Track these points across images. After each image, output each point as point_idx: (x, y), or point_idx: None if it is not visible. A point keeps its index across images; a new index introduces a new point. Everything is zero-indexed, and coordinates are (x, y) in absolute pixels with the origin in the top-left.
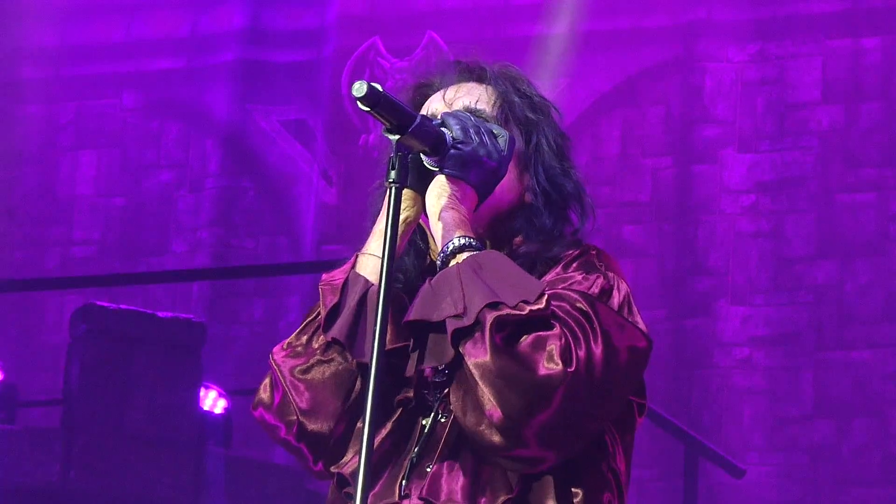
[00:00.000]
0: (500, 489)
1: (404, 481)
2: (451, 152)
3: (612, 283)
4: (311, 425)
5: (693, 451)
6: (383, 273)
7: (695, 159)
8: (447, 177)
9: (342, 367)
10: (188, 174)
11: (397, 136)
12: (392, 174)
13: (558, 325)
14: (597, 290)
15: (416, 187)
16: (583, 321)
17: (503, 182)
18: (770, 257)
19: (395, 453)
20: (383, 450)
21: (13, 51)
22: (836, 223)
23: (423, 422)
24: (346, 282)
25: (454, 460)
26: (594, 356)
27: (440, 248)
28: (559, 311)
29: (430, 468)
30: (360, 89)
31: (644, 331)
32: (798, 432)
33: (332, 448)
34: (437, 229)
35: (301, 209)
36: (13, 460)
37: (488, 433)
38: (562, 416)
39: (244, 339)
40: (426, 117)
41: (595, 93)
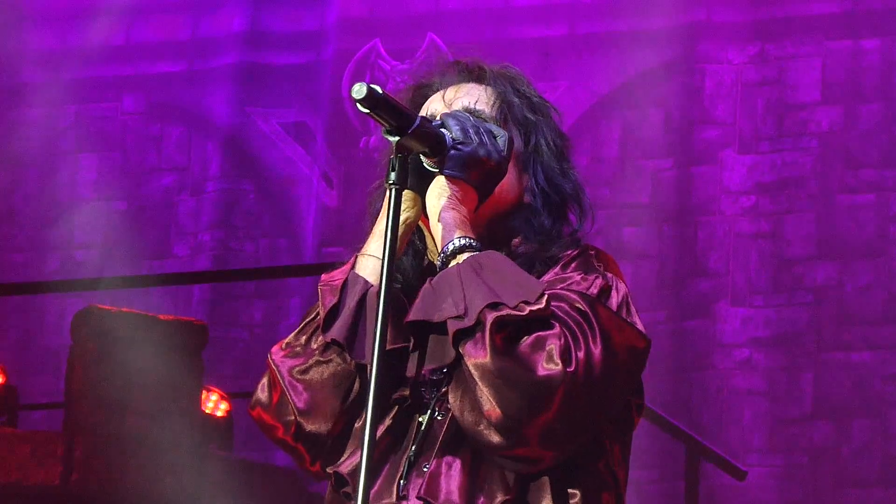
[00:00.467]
0: (497, 489)
1: (402, 481)
2: (452, 153)
3: (610, 283)
4: (309, 426)
5: (694, 452)
6: (384, 274)
7: (695, 161)
8: (447, 177)
9: (341, 368)
10: (189, 177)
11: (397, 138)
12: (392, 175)
13: (558, 325)
14: (595, 291)
15: (416, 189)
16: (582, 322)
17: (502, 182)
18: (770, 258)
19: (392, 451)
20: (381, 447)
21: (14, 54)
22: (836, 224)
23: (420, 419)
24: (346, 282)
25: (451, 459)
26: (593, 356)
27: (440, 249)
28: (558, 311)
29: (427, 467)
30: (359, 91)
31: (642, 331)
32: (798, 433)
33: (329, 448)
34: (437, 229)
35: (301, 211)
36: (14, 463)
37: (487, 433)
38: (561, 416)
39: (245, 342)
40: (426, 118)
41: (595, 94)
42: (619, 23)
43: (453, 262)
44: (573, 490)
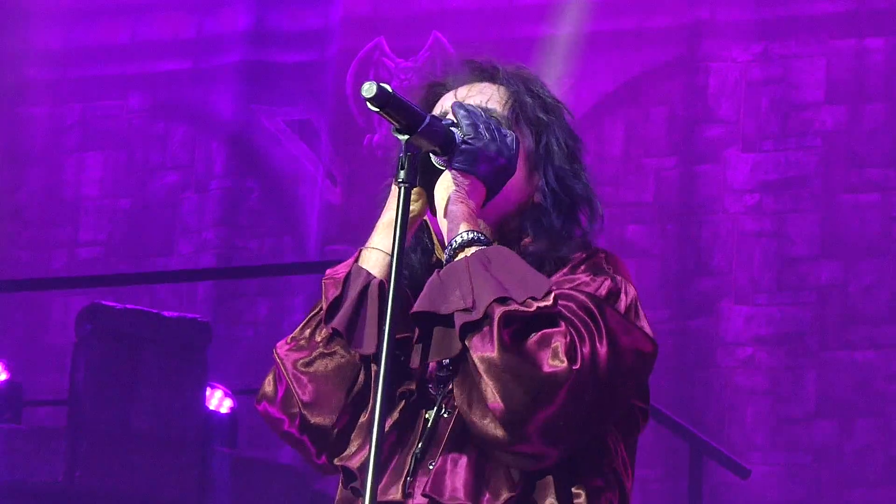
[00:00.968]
0: (502, 487)
1: (409, 478)
2: (462, 147)
3: (619, 286)
4: (314, 418)
5: (698, 450)
6: (393, 269)
7: (698, 159)
8: (457, 171)
9: (345, 360)
10: (193, 175)
11: (407, 136)
12: (401, 174)
13: (564, 323)
14: (604, 293)
15: (422, 183)
16: (588, 321)
17: (512, 182)
18: (773, 257)
19: (399, 446)
20: (388, 441)
21: (19, 52)
22: (840, 223)
23: (427, 415)
24: (349, 275)
25: (457, 457)
26: (599, 355)
27: (447, 241)
28: (565, 310)
29: (432, 465)
30: (369, 90)
31: (650, 335)
32: (801, 432)
33: (334, 440)
34: (444, 222)
35: (306, 209)
36: (19, 460)
37: (491, 427)
38: (565, 414)
39: (249, 339)
40: (436, 117)
41: (599, 93)
42: (623, 21)
43: (461, 255)
44: (578, 489)
